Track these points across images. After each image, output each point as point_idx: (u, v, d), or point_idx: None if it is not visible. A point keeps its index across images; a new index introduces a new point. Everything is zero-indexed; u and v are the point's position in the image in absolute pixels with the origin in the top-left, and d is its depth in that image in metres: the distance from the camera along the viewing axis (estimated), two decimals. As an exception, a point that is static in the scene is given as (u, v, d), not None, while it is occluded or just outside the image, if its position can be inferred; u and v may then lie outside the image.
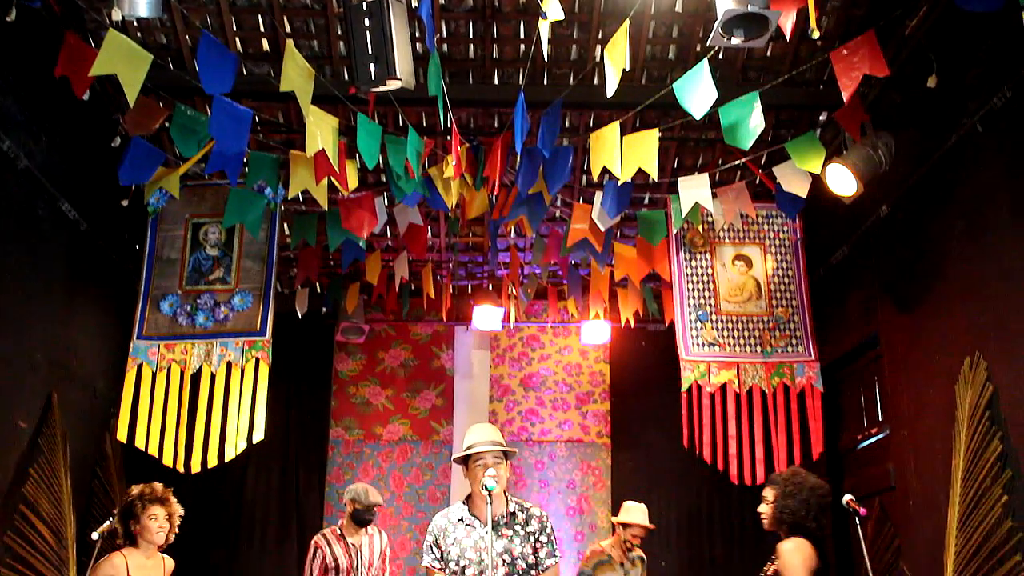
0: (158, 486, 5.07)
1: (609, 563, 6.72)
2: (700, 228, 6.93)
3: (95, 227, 6.59)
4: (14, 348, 5.89)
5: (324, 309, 8.40)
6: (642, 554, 6.93)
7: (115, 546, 5.28)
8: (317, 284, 8.32)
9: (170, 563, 5.07)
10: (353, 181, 5.80)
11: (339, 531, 6.61)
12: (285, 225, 7.25)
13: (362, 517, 6.57)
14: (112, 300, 7.09)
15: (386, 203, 6.58)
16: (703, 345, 7.11)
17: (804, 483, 4.82)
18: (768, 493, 4.89)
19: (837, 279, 7.18)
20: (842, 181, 5.77)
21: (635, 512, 6.84)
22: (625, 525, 6.80)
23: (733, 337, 7.10)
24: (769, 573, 4.80)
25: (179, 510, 5.10)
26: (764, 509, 4.91)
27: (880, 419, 6.86)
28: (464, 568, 4.17)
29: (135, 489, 5.03)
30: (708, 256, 7.04)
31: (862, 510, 4.58)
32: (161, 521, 4.98)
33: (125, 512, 4.96)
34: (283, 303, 7.10)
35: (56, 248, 6.24)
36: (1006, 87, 4.86)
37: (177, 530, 5.19)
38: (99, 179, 6.40)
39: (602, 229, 6.26)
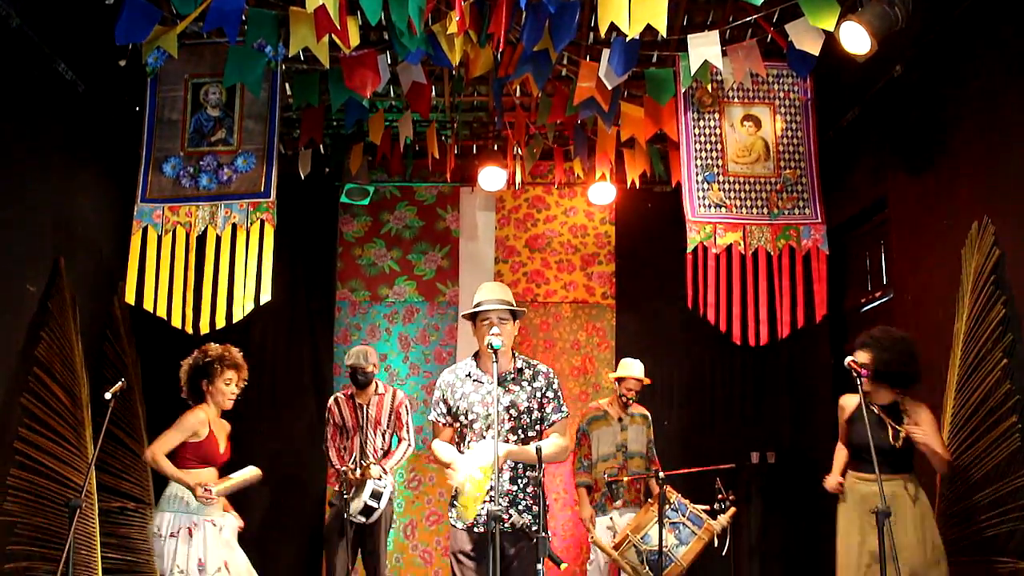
0: (236, 351, 5.09)
1: (604, 419, 6.87)
2: (709, 87, 6.78)
3: (93, 88, 6.48)
4: (17, 214, 5.87)
5: (328, 170, 8.33)
6: (644, 411, 7.05)
7: (124, 403, 5.34)
8: (320, 145, 8.22)
9: (227, 427, 5.14)
10: (355, 38, 5.66)
11: (350, 393, 6.76)
12: (287, 85, 7.10)
13: (353, 378, 6.72)
14: (114, 163, 7.03)
15: (389, 61, 6.44)
16: (709, 206, 7.06)
17: (894, 334, 4.97)
18: (863, 355, 4.94)
19: (847, 141, 7.08)
20: (855, 39, 5.61)
21: (629, 366, 6.93)
22: (620, 380, 6.91)
23: (740, 198, 7.05)
24: (904, 434, 4.89)
25: (246, 377, 5.13)
26: (863, 369, 4.85)
27: (884, 282, 6.88)
28: (471, 423, 4.25)
29: (214, 349, 5.04)
30: (716, 116, 6.91)
31: (864, 371, 4.63)
32: (234, 386, 5.04)
33: (199, 370, 4.98)
34: (286, 165, 7.04)
35: (54, 110, 6.15)
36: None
37: None
38: (96, 39, 6.25)
39: (609, 88, 6.13)
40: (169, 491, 4.72)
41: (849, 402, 5.21)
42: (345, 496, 6.25)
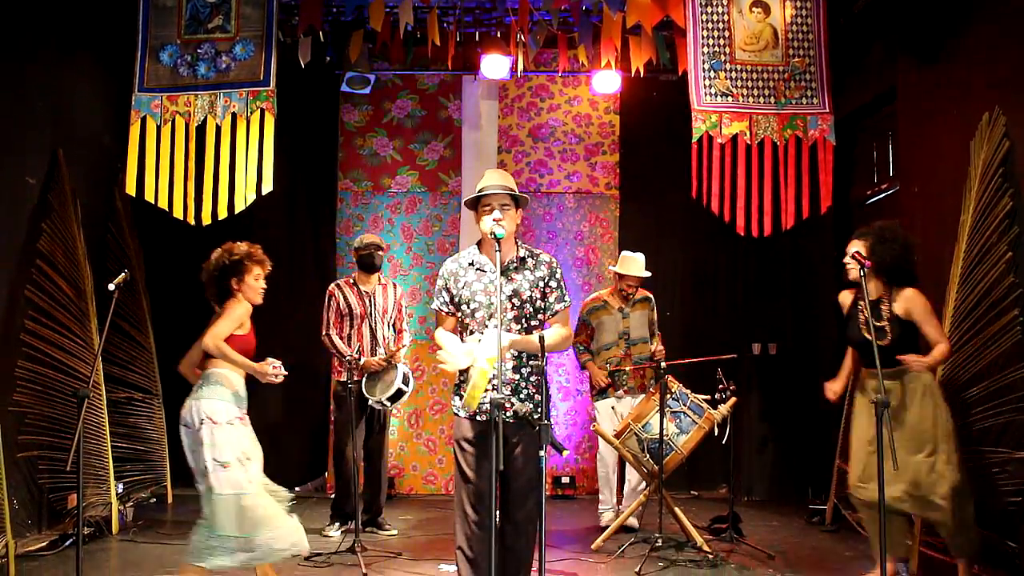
0: (257, 247, 5.06)
1: (604, 308, 6.88)
2: (718, -30, 6.61)
3: (86, -26, 6.32)
4: (14, 106, 5.80)
5: (328, 59, 8.18)
6: (647, 294, 7.00)
7: (128, 295, 5.35)
8: (320, 33, 8.03)
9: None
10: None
11: (352, 281, 6.75)
12: (284, -32, 6.91)
13: (365, 260, 6.68)
14: (111, 53, 6.91)
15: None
16: (716, 95, 6.95)
17: (896, 230, 4.92)
18: (859, 245, 4.87)
19: (857, 29, 6.93)
20: (870, -79, 5.44)
21: (629, 263, 6.88)
22: (620, 276, 6.89)
23: (747, 87, 6.93)
24: (888, 315, 4.89)
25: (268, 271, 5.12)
26: (853, 262, 4.83)
27: (891, 174, 6.82)
28: (474, 311, 4.25)
29: (240, 248, 5.01)
30: (724, 2, 6.75)
31: (868, 263, 4.61)
32: (262, 282, 5.03)
33: (229, 268, 4.93)
34: (286, 53, 6.90)
35: (47, -2, 6.01)
36: None
37: None
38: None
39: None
40: (216, 380, 4.68)
41: (846, 299, 5.19)
42: (366, 384, 6.31)
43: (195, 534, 4.52)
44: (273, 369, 4.70)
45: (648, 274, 6.90)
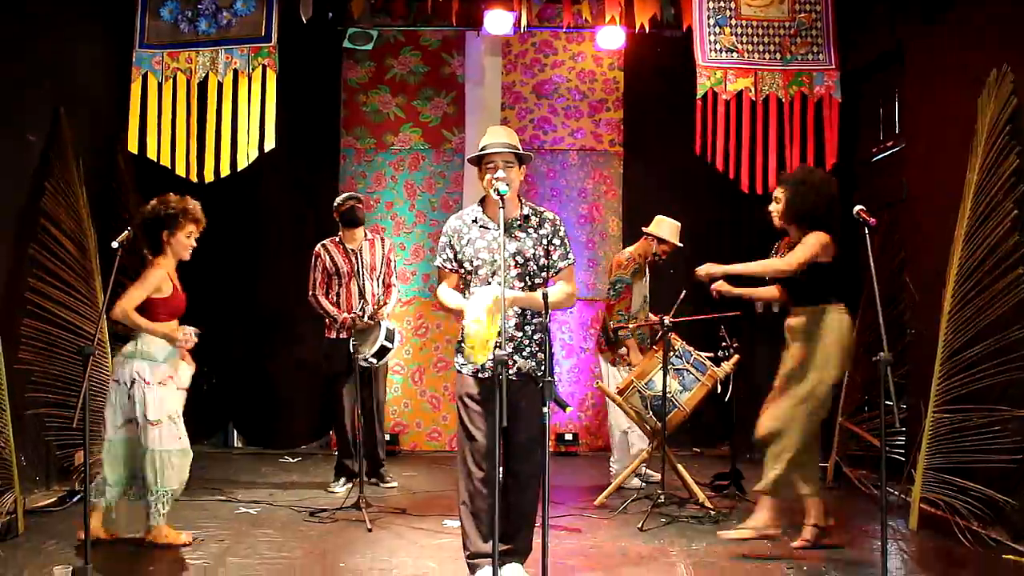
0: (195, 204, 5.07)
1: (640, 271, 6.78)
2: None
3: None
4: (14, 64, 5.76)
5: (330, 15, 8.09)
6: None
7: (136, 254, 5.36)
8: (322, -13, 7.96)
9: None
10: None
11: (338, 239, 6.73)
12: (285, -77, 6.83)
13: (346, 216, 6.66)
14: (111, 9, 6.85)
15: None
16: (721, 51, 6.91)
17: (814, 177, 4.96)
18: (779, 192, 5.01)
19: (865, -18, 6.84)
20: None
21: (673, 230, 6.77)
22: (660, 240, 6.75)
23: (752, 43, 6.88)
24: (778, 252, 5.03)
25: (202, 230, 5.15)
26: (776, 207, 5.00)
27: (897, 131, 6.78)
28: (477, 269, 4.25)
29: (175, 201, 5.02)
30: (730, -44, 6.72)
31: (872, 220, 4.60)
32: (192, 240, 5.05)
33: (159, 221, 4.97)
34: (287, 9, 6.83)
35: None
36: None
37: None
38: None
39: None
40: (146, 340, 4.84)
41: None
42: (354, 342, 6.32)
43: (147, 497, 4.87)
44: (184, 335, 4.81)
45: (677, 239, 6.78)
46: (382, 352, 6.27)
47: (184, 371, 5.11)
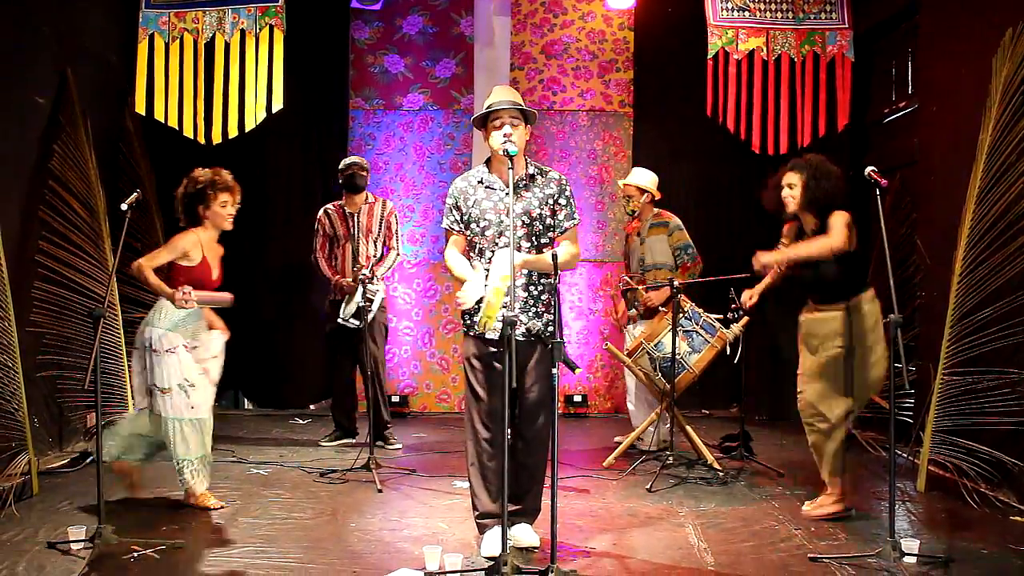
0: (227, 174, 5.06)
1: (631, 236, 6.74)
2: None
3: None
4: (20, 26, 5.74)
5: (336, -26, 8.04)
6: (667, 218, 6.70)
7: (141, 215, 5.38)
8: (329, -55, 7.90)
9: (221, 250, 5.19)
10: None
11: (340, 204, 6.74)
12: None
13: (348, 181, 6.65)
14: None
15: None
16: (732, 9, 6.85)
17: (831, 167, 4.85)
18: (794, 178, 4.86)
19: (879, -60, 6.75)
20: None
21: (630, 174, 6.70)
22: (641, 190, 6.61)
23: (764, 2, 6.81)
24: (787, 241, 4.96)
25: (239, 197, 5.15)
26: (792, 193, 4.88)
27: (910, 92, 6.71)
28: (484, 230, 4.24)
29: (204, 175, 5.02)
30: (743, -87, 6.63)
31: (883, 181, 4.54)
32: (230, 208, 5.05)
33: (195, 196, 4.99)
34: (294, -33, 6.79)
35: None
36: None
37: None
38: None
39: None
40: (163, 308, 4.85)
41: (789, 232, 5.27)
42: (340, 302, 6.41)
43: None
44: (182, 295, 4.83)
45: (649, 189, 6.60)
46: (359, 313, 6.25)
47: (217, 338, 5.12)
